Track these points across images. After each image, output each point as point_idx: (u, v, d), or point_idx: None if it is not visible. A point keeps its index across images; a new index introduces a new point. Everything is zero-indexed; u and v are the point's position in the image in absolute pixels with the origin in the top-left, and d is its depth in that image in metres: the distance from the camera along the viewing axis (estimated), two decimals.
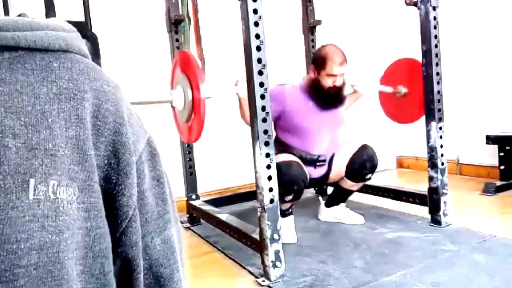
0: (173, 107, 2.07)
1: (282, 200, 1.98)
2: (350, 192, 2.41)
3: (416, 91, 2.34)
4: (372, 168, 2.25)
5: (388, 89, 2.57)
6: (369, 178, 2.31)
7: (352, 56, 2.46)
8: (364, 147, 2.27)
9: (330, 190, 2.60)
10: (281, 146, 2.23)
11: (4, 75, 0.33)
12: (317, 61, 2.16)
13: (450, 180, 2.23)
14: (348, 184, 2.34)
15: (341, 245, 2.05)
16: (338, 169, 2.31)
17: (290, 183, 2.02)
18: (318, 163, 2.26)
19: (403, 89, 2.52)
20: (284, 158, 2.12)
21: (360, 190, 2.76)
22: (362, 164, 2.24)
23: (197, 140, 2.08)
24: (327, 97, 2.17)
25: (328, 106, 2.20)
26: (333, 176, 2.34)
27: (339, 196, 2.43)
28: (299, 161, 2.16)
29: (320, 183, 2.45)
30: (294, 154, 2.21)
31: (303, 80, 2.29)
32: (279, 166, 1.80)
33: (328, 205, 2.46)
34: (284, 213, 2.12)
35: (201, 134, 1.97)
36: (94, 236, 0.34)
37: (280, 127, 2.25)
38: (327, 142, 2.25)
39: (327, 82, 2.14)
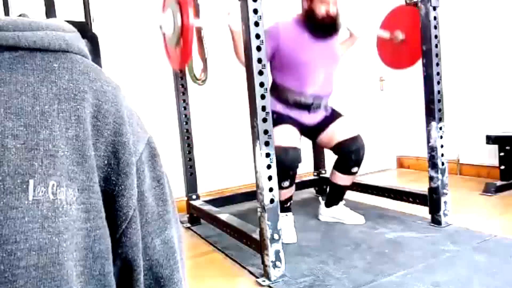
0: (162, 32, 2.10)
1: (279, 187, 2.01)
2: (344, 188, 2.40)
3: (413, 37, 2.32)
4: (357, 162, 2.27)
5: (385, 34, 2.54)
6: (356, 172, 2.32)
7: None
8: (354, 139, 2.27)
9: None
10: (277, 92, 2.21)
11: (4, 75, 0.33)
12: None
13: (450, 180, 2.23)
14: (338, 177, 2.34)
15: (341, 245, 2.05)
16: (330, 135, 2.31)
17: (287, 169, 2.07)
18: (312, 107, 2.25)
19: (400, 35, 2.50)
20: (280, 136, 2.09)
21: (360, 190, 2.76)
22: (347, 156, 2.26)
23: (184, 63, 2.14)
24: (321, 26, 2.16)
25: (323, 35, 2.18)
26: (324, 137, 2.33)
27: (335, 193, 2.42)
28: (295, 143, 2.16)
29: (312, 133, 2.37)
30: (289, 101, 2.20)
31: (297, 15, 2.28)
32: (276, 150, 1.78)
33: (327, 205, 2.45)
34: (283, 208, 2.11)
35: (187, 59, 2.05)
36: (94, 237, 0.34)
37: (276, 67, 2.22)
38: (322, 79, 2.22)
39: (321, 10, 2.14)
